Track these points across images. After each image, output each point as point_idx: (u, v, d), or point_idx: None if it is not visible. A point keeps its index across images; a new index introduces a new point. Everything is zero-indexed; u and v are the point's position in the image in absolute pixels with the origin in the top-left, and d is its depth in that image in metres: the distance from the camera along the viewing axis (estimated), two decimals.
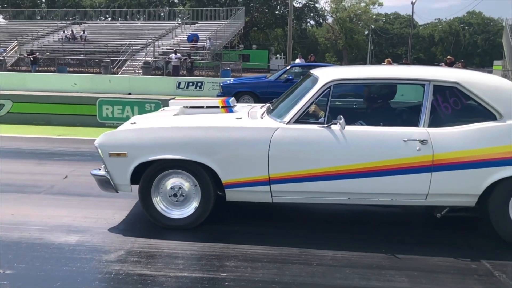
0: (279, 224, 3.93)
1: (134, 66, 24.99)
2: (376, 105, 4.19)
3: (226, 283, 2.88)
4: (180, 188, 3.66)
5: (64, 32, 30.88)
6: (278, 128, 3.51)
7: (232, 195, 3.64)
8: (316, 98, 3.58)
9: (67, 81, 17.41)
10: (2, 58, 24.99)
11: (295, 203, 3.78)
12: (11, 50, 27.60)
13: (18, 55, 27.26)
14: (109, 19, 40.92)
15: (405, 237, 3.70)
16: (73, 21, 34.41)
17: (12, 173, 5.41)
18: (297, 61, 20.27)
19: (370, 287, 2.88)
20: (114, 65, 24.50)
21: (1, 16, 43.70)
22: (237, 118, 3.80)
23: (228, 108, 4.17)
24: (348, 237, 3.65)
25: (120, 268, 3.04)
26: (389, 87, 4.02)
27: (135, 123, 3.98)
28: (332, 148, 3.45)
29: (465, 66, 17.18)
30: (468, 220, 3.95)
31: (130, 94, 15.36)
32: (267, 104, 4.40)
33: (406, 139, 3.40)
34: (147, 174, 3.63)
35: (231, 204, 3.82)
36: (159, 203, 3.71)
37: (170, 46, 27.11)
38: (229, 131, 3.58)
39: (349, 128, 3.46)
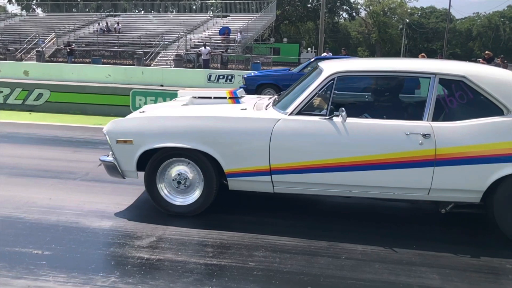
0: (308, 217, 3.93)
1: (166, 58, 25.36)
2: (381, 98, 4.14)
3: (255, 272, 2.91)
4: (184, 176, 3.74)
5: (99, 24, 31.62)
6: (280, 119, 3.53)
7: (234, 184, 3.69)
8: (320, 90, 3.56)
9: (102, 72, 17.82)
10: (41, 49, 25.83)
11: (300, 194, 3.77)
12: (49, 41, 28.46)
13: (56, 47, 28.09)
14: (142, 11, 41.58)
15: (437, 235, 3.63)
16: (108, 13, 35.17)
17: (50, 159, 5.62)
18: (324, 55, 20.03)
19: (399, 283, 2.85)
20: (147, 57, 24.92)
21: (40, 8, 45.15)
22: (242, 109, 3.85)
23: (235, 99, 4.22)
24: (377, 233, 3.61)
25: (151, 254, 3.12)
26: (394, 80, 3.95)
27: (144, 111, 4.10)
28: (333, 140, 3.44)
29: (504, 61, 16.57)
30: None
31: (162, 85, 15.61)
32: (275, 96, 4.39)
33: (408, 133, 3.35)
34: (153, 161, 3.73)
35: (261, 196, 3.84)
36: (163, 189, 3.80)
37: (202, 39, 27.33)
38: (231, 121, 3.62)
39: (351, 120, 3.44)
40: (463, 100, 3.44)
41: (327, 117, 3.47)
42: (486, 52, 17.32)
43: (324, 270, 2.97)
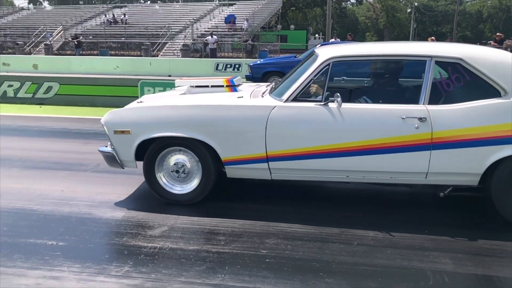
0: (318, 204, 3.93)
1: (173, 48, 25.30)
2: (377, 82, 4.10)
3: (267, 260, 2.92)
4: (182, 165, 3.77)
5: (105, 16, 31.61)
6: (275, 106, 3.52)
7: (232, 172, 3.70)
8: (315, 76, 3.54)
9: (110, 64, 17.85)
10: (49, 43, 25.91)
11: (298, 180, 3.78)
12: (57, 34, 28.54)
13: (63, 40, 28.16)
14: (148, 2, 41.47)
15: (448, 220, 3.60)
16: (114, 5, 35.13)
17: (61, 152, 5.67)
18: (332, 41, 19.83)
19: (412, 268, 2.84)
20: (154, 47, 24.89)
21: (47, 2, 45.23)
22: (238, 97, 3.84)
23: (232, 87, 4.20)
24: (388, 219, 3.59)
25: (164, 243, 3.15)
26: (390, 64, 3.91)
27: (142, 102, 4.12)
28: (329, 126, 3.42)
29: None
30: None
31: (170, 76, 15.60)
32: (272, 84, 4.38)
33: (404, 117, 3.32)
34: (151, 150, 3.75)
35: (270, 184, 3.84)
36: (162, 178, 3.83)
37: (208, 28, 27.20)
38: (227, 109, 3.62)
39: (346, 105, 3.42)
40: (459, 83, 3.40)
41: (322, 103, 3.46)
42: (497, 33, 17.01)
43: (336, 257, 2.97)
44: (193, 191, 3.79)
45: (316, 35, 39.25)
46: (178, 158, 3.79)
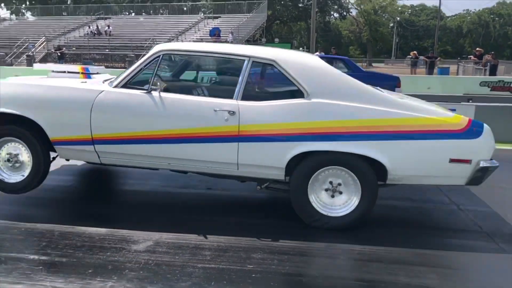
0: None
1: None
2: (202, 76, 4.42)
3: (253, 275, 2.90)
4: (15, 154, 3.86)
5: (89, 27, 31.46)
6: (103, 91, 3.67)
7: (62, 153, 3.86)
8: (145, 66, 3.71)
9: None
10: (31, 54, 25.62)
11: (125, 165, 3.90)
12: (39, 45, 28.25)
13: (46, 51, 27.90)
14: (133, 14, 41.44)
15: (434, 233, 3.64)
16: (98, 16, 34.99)
17: None
18: (316, 54, 20.12)
19: (397, 282, 2.85)
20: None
21: (30, 12, 44.85)
22: (81, 82, 3.98)
23: (87, 75, 4.33)
24: (374, 232, 3.62)
25: (149, 258, 3.10)
26: (215, 60, 4.22)
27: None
28: (149, 113, 3.58)
29: (495, 58, 16.71)
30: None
31: None
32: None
33: (217, 109, 3.50)
34: None
35: (256, 198, 3.83)
36: None
37: (194, 41, 27.27)
38: (57, 90, 3.77)
39: (167, 95, 3.59)
40: (272, 82, 3.69)
41: (145, 91, 3.61)
42: (477, 48, 17.51)
43: (323, 271, 2.97)
44: (24, 180, 3.86)
45: (300, 48, 39.70)
46: (13, 146, 3.86)
